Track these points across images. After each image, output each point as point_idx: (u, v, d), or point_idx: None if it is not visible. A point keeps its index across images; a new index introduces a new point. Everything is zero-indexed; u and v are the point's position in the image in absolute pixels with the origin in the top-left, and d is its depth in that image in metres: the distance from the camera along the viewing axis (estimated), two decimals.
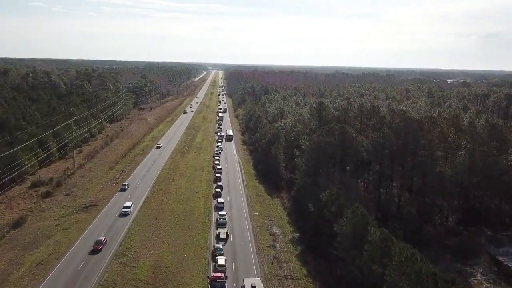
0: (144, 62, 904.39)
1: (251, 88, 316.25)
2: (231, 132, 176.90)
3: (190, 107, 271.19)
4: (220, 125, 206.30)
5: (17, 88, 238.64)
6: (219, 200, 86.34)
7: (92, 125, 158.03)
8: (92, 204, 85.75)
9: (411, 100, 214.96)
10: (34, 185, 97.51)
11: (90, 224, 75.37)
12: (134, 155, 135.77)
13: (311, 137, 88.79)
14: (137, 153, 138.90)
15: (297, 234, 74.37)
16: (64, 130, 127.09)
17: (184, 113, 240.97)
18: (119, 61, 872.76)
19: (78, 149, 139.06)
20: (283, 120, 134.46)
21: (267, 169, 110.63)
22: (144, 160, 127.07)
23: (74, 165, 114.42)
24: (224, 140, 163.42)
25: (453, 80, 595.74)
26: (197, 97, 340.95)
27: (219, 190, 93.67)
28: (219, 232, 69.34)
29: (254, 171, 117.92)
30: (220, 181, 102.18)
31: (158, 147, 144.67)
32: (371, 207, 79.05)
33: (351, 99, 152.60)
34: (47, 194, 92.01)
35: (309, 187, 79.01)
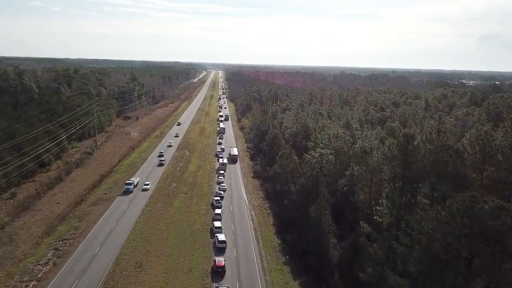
0: (141, 61, 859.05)
1: (257, 93, 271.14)
2: (235, 152, 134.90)
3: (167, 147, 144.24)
4: (222, 138, 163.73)
5: None
6: None
7: (44, 149, 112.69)
8: None
9: (462, 111, 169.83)
10: None
11: None
12: (94, 200, 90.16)
13: (419, 216, 43.66)
14: (100, 195, 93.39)
15: None
16: None
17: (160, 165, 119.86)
18: (116, 61, 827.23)
19: (13, 189, 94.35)
20: (318, 150, 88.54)
21: (302, 243, 65.37)
22: (106, 214, 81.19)
23: None
24: (228, 163, 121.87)
25: (464, 81, 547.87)
26: (178, 123, 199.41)
27: None
28: None
29: (278, 240, 72.55)
30: (223, 277, 57.05)
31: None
32: None
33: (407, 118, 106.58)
34: None
35: None
